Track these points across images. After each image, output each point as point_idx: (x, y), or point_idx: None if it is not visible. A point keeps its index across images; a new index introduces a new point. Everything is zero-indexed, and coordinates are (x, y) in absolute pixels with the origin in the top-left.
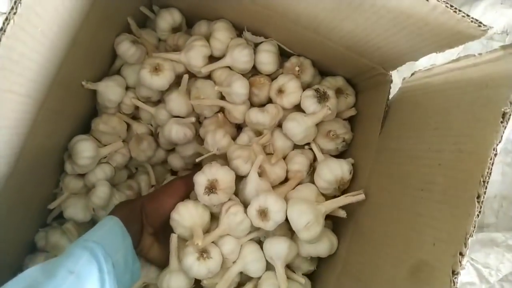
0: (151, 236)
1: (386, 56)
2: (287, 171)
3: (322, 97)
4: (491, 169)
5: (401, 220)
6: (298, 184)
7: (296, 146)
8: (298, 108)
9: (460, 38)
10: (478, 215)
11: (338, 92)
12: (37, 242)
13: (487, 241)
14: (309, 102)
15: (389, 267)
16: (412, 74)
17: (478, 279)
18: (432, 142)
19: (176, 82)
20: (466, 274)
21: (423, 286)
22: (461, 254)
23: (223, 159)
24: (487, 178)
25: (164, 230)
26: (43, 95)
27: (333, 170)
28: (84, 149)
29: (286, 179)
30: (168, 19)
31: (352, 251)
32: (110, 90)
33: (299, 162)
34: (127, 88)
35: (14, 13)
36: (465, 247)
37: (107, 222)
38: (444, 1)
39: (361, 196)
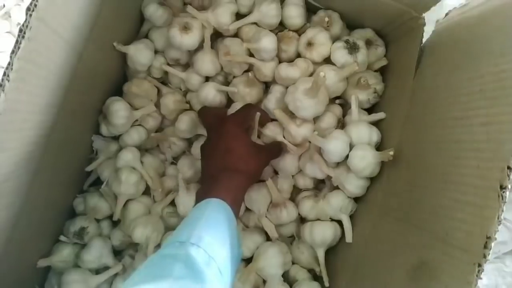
0: None
1: None
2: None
3: (352, 48)
4: None
5: (439, 148)
6: None
7: None
8: (327, 61)
9: None
10: None
11: (368, 43)
12: (76, 207)
13: None
14: (340, 54)
15: (429, 198)
16: (446, 14)
17: (510, 238)
18: (471, 70)
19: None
20: (498, 233)
21: (470, 195)
22: (509, 168)
23: None
24: None
25: None
26: (81, 47)
27: (361, 137)
28: (119, 108)
29: None
30: None
31: (389, 189)
32: (140, 53)
33: (325, 121)
34: (156, 52)
35: None
36: None
37: (205, 210)
38: None
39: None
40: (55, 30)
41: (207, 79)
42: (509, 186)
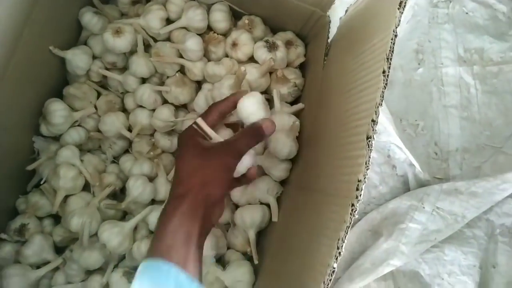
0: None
1: None
2: None
3: (271, 47)
4: (393, 47)
5: (335, 119)
6: None
7: None
8: (252, 61)
9: None
10: (385, 87)
11: (289, 44)
12: (18, 207)
13: (451, 190)
14: (260, 52)
15: (325, 163)
16: (346, 11)
17: (444, 226)
18: (356, 51)
19: None
20: (432, 222)
21: (350, 151)
22: (373, 121)
23: None
24: (390, 55)
25: None
26: (11, 44)
27: (282, 125)
28: (58, 107)
29: None
30: None
31: (303, 167)
32: (77, 58)
33: None
34: (95, 57)
35: None
36: (376, 114)
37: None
38: None
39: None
40: None
41: (144, 81)
42: (374, 137)
